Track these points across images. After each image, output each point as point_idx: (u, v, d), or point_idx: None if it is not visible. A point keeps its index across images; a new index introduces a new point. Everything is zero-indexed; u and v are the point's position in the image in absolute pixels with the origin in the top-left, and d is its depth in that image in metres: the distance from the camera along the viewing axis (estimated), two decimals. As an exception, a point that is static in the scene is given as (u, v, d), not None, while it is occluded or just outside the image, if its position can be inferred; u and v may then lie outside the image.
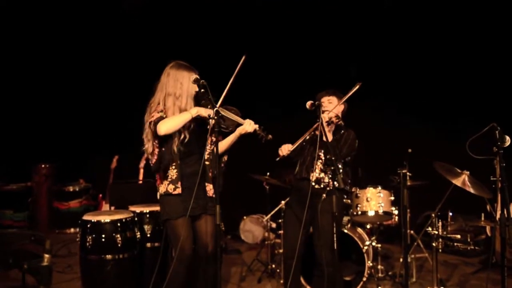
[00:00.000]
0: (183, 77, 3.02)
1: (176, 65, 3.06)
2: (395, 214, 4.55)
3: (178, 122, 2.93)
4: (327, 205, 3.45)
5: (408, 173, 4.02)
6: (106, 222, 3.77)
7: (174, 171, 3.04)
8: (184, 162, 3.05)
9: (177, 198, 3.03)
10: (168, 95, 3.02)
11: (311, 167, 3.58)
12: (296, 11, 6.12)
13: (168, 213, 3.05)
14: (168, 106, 3.01)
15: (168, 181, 3.05)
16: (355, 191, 4.60)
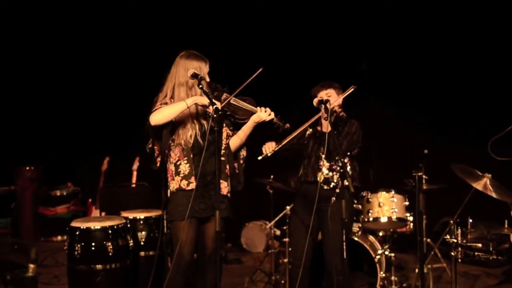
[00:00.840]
0: (193, 65, 3.05)
1: (186, 54, 3.10)
2: (410, 220, 4.55)
3: (170, 111, 2.96)
4: (336, 209, 3.46)
5: (424, 176, 4.02)
6: (96, 229, 3.78)
7: (187, 166, 3.06)
8: (197, 158, 3.06)
9: (189, 195, 3.03)
10: (180, 86, 3.05)
11: (318, 168, 3.59)
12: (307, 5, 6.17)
13: (173, 214, 3.08)
14: (181, 97, 3.04)
15: (181, 176, 3.07)
16: (366, 196, 4.60)
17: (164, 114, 2.95)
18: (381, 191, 4.55)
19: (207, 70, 3.10)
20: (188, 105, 2.95)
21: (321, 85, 3.67)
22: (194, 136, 3.05)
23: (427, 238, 4.60)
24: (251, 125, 3.17)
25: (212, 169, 3.03)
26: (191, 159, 3.05)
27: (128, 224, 4.02)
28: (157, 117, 2.95)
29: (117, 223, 3.89)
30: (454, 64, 5.91)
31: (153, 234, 4.14)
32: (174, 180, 3.08)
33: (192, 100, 2.97)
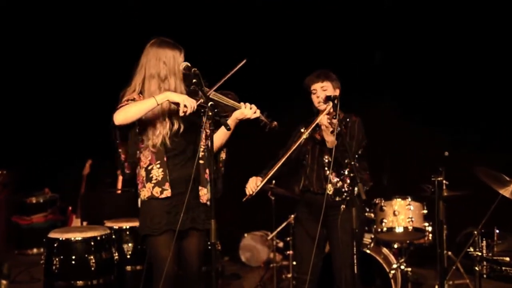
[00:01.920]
0: (166, 55, 2.99)
1: (157, 42, 3.03)
2: (429, 231, 4.54)
3: (136, 109, 2.87)
4: (346, 218, 3.44)
5: (444, 181, 4.01)
6: (77, 240, 3.77)
7: (160, 171, 2.99)
8: (171, 161, 3.02)
9: (163, 204, 2.98)
10: (151, 78, 2.97)
11: (324, 178, 3.59)
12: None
13: (149, 227, 2.99)
14: (152, 91, 2.95)
15: (153, 183, 2.99)
16: (379, 203, 4.59)
17: (129, 112, 2.86)
18: (396, 198, 4.54)
19: (182, 60, 3.02)
20: (158, 102, 2.87)
21: (317, 75, 3.62)
22: (165, 137, 2.98)
23: (448, 251, 4.59)
24: (234, 122, 3.10)
25: (189, 174, 2.96)
26: (165, 162, 2.98)
27: (113, 235, 4.01)
28: (122, 116, 2.86)
29: (101, 234, 3.88)
30: (476, 60, 5.91)
31: (140, 246, 4.13)
32: (145, 187, 3.00)
33: (164, 97, 2.88)
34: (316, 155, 3.64)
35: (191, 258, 3.09)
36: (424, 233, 4.53)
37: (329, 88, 3.59)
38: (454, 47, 5.97)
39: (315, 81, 3.60)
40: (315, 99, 3.62)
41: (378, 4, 6.18)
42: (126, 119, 2.87)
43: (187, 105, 2.86)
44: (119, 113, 2.88)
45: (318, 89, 3.59)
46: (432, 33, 6.03)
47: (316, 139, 3.59)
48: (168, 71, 2.98)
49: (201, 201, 3.06)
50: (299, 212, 3.77)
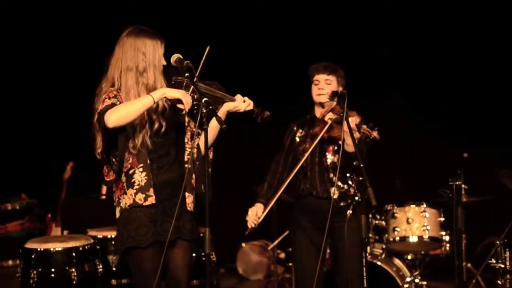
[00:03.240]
0: (145, 45, 2.95)
1: (135, 31, 2.99)
2: (446, 240, 4.54)
3: (133, 109, 2.83)
4: (354, 225, 3.48)
5: (463, 186, 4.01)
6: (57, 251, 3.77)
7: (143, 175, 2.95)
8: (156, 164, 2.99)
9: (149, 212, 2.95)
10: (128, 71, 2.93)
11: (328, 181, 3.59)
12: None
13: (133, 238, 2.93)
14: (129, 86, 2.92)
15: (135, 189, 2.95)
16: (391, 210, 4.59)
17: (124, 113, 2.82)
18: (410, 204, 4.54)
19: (162, 51, 2.99)
20: (155, 99, 2.84)
21: (324, 66, 3.64)
22: (145, 136, 2.94)
23: (468, 263, 4.58)
24: (223, 116, 3.05)
25: (174, 179, 2.96)
26: (148, 165, 2.95)
27: (97, 245, 4.00)
28: (116, 117, 2.80)
29: (83, 244, 3.87)
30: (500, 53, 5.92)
31: (127, 258, 4.12)
32: (127, 194, 2.95)
33: (161, 94, 2.85)
34: (317, 156, 3.63)
35: (179, 271, 3.06)
36: (440, 243, 4.53)
37: (333, 83, 3.61)
38: (472, 39, 5.97)
39: (321, 72, 3.62)
40: (315, 90, 3.64)
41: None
42: (121, 120, 2.82)
43: (188, 100, 2.84)
44: (112, 114, 2.81)
45: (322, 81, 3.61)
46: (445, 25, 6.03)
47: (324, 138, 3.58)
48: (147, 63, 2.94)
49: (188, 209, 3.04)
50: (297, 220, 3.74)
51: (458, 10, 5.96)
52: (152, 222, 2.95)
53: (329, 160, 3.60)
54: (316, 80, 3.63)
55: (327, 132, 3.52)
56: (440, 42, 6.08)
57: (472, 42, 5.96)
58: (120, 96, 2.93)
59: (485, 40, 5.93)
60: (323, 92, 3.57)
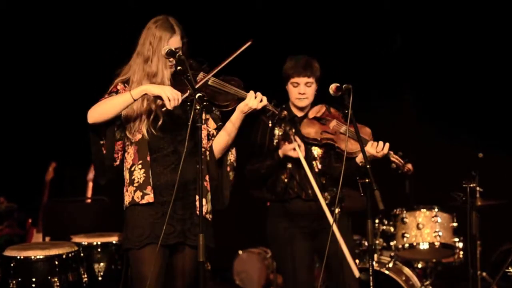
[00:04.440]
0: (155, 36, 3.04)
1: (156, 19, 3.11)
2: (460, 247, 4.55)
3: (109, 107, 2.94)
4: (344, 223, 3.66)
5: (478, 188, 4.02)
6: (39, 259, 3.76)
7: (141, 172, 3.01)
8: (157, 163, 3.03)
9: (148, 212, 2.99)
10: (137, 55, 3.08)
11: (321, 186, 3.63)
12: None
13: (129, 239, 3.01)
14: (134, 69, 3.06)
15: (135, 186, 3.02)
16: (400, 214, 4.60)
17: (102, 110, 2.95)
18: (420, 209, 4.55)
19: (175, 45, 3.04)
20: (134, 97, 2.92)
21: (303, 66, 3.63)
22: (144, 130, 3.01)
23: (483, 272, 4.60)
24: (239, 116, 3.09)
25: (183, 179, 2.97)
26: (148, 162, 3.01)
27: (81, 253, 4.00)
28: (94, 114, 2.96)
29: (67, 251, 3.87)
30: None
31: (114, 266, 4.13)
32: (128, 191, 3.05)
33: (141, 91, 2.92)
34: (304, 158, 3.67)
35: (179, 280, 3.10)
36: (453, 250, 4.54)
37: (313, 85, 3.66)
38: (491, 34, 5.98)
39: (301, 74, 3.62)
40: (294, 93, 3.66)
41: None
42: (99, 117, 2.95)
43: (170, 97, 2.87)
44: (91, 111, 2.96)
45: (302, 84, 3.63)
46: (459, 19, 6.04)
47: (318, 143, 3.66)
48: (151, 53, 3.04)
49: (197, 213, 3.03)
50: (280, 226, 3.74)
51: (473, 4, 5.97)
52: (151, 224, 2.99)
53: (318, 167, 3.67)
54: (295, 82, 3.64)
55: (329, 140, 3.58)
56: (456, 37, 6.10)
57: (491, 37, 5.97)
58: (124, 90, 3.03)
59: (505, 35, 5.93)
60: (303, 97, 3.62)
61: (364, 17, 6.24)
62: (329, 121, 3.67)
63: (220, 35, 5.80)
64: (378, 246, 4.67)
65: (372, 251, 3.26)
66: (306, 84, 3.63)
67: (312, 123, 3.66)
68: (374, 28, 6.21)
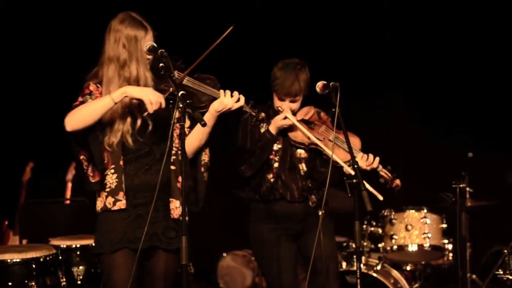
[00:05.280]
0: (127, 36, 2.96)
1: (120, 19, 3.00)
2: (449, 249, 4.57)
3: (90, 111, 2.87)
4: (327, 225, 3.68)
5: (468, 189, 4.05)
6: (15, 262, 3.74)
7: (114, 177, 2.97)
8: (132, 165, 3.00)
9: (120, 218, 2.96)
10: (109, 61, 2.95)
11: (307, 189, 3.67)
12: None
13: (101, 244, 2.99)
14: (109, 78, 2.95)
15: (106, 191, 2.99)
16: (388, 215, 4.62)
17: (81, 116, 2.87)
18: (409, 210, 4.57)
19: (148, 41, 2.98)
20: (115, 100, 2.85)
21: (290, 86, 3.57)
22: (126, 135, 2.96)
23: (472, 274, 4.62)
24: (214, 115, 3.05)
25: (154, 182, 2.94)
26: (120, 167, 2.97)
27: (60, 256, 3.99)
28: (74, 120, 2.87)
29: (44, 254, 3.85)
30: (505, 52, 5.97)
31: (94, 270, 4.11)
32: (100, 196, 3.01)
33: (121, 93, 2.85)
34: (288, 160, 3.70)
35: (157, 285, 3.07)
36: (443, 252, 4.56)
37: (299, 101, 3.66)
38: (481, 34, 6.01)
39: (288, 95, 3.60)
40: (278, 104, 3.65)
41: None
42: (78, 124, 2.87)
43: (153, 100, 2.84)
44: (69, 117, 2.87)
45: (287, 101, 3.63)
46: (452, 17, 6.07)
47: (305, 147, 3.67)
48: (128, 56, 2.95)
49: (171, 216, 3.03)
50: (264, 228, 3.74)
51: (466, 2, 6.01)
52: (123, 228, 2.96)
53: (303, 169, 3.69)
54: (281, 97, 3.63)
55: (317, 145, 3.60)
56: (448, 35, 6.13)
57: (483, 36, 6.01)
58: (97, 91, 2.96)
59: (494, 35, 5.97)
60: (287, 111, 3.60)
61: (353, 14, 6.25)
62: (318, 126, 3.67)
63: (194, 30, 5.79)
64: (366, 248, 4.68)
65: (359, 253, 3.25)
66: (291, 101, 3.63)
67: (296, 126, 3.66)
68: (363, 25, 6.23)
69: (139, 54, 2.97)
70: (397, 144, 5.73)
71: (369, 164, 3.52)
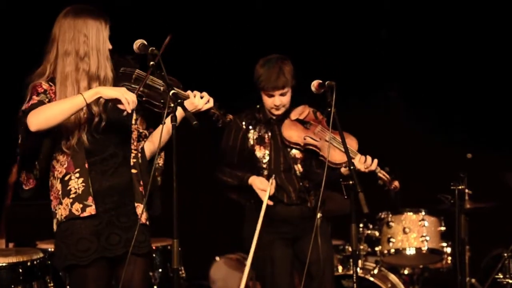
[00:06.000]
0: (87, 25, 2.90)
1: (75, 10, 2.94)
2: (448, 252, 4.58)
3: (60, 111, 2.77)
4: (325, 231, 3.76)
5: (467, 191, 4.05)
6: (1, 267, 3.72)
7: (80, 182, 2.89)
8: (98, 168, 2.94)
9: (91, 225, 2.89)
10: (66, 55, 2.89)
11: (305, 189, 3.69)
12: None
13: (74, 254, 2.88)
14: (66, 72, 2.87)
15: (71, 198, 2.89)
16: (385, 218, 4.63)
17: (49, 115, 2.76)
18: (406, 212, 4.57)
19: (107, 33, 2.95)
20: (87, 100, 2.76)
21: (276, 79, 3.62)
22: (82, 133, 2.88)
23: (472, 278, 4.63)
24: (181, 116, 2.95)
25: (121, 185, 2.94)
26: (86, 170, 2.90)
27: (48, 260, 3.97)
28: (39, 119, 2.76)
29: (31, 259, 3.83)
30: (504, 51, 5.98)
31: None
32: (62, 204, 2.92)
33: (94, 93, 2.78)
34: (282, 162, 3.73)
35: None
36: (441, 256, 4.57)
37: (289, 92, 3.70)
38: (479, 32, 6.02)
39: (275, 88, 3.64)
40: (268, 102, 3.69)
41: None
42: (46, 123, 2.77)
43: (129, 100, 2.78)
44: (35, 116, 2.77)
45: (277, 96, 3.67)
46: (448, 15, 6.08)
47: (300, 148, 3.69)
48: (89, 47, 2.90)
49: (139, 221, 2.97)
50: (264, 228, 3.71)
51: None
52: (95, 235, 2.90)
53: (299, 170, 3.72)
54: (268, 93, 3.67)
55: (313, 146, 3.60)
56: (445, 34, 6.12)
57: (480, 34, 6.01)
58: (51, 90, 2.89)
59: (493, 34, 5.98)
60: (280, 106, 3.66)
61: (351, 12, 6.25)
62: (314, 126, 3.68)
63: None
64: (362, 252, 4.69)
65: (356, 256, 3.26)
66: (281, 95, 3.66)
67: (294, 126, 3.68)
68: (359, 23, 6.23)
69: (101, 45, 2.92)
70: (395, 145, 5.73)
71: (367, 166, 3.52)
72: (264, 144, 3.72)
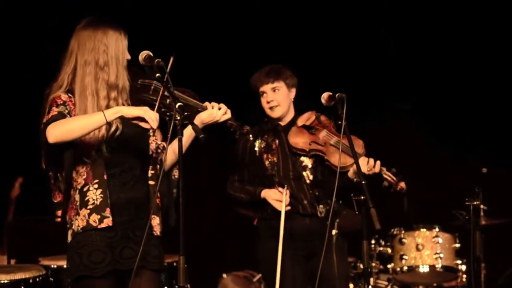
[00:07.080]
0: (107, 35, 2.97)
1: (93, 21, 3.01)
2: (462, 270, 4.56)
3: (80, 126, 2.82)
4: (341, 246, 3.71)
5: (482, 206, 4.05)
6: (3, 284, 3.74)
7: (98, 193, 2.93)
8: (117, 180, 2.99)
9: (106, 236, 2.93)
10: (86, 65, 2.95)
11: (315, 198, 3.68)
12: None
13: (86, 265, 2.90)
14: (86, 83, 2.93)
15: (89, 209, 2.92)
16: (398, 234, 4.62)
17: (70, 129, 2.82)
18: (420, 228, 4.56)
19: (126, 43, 3.02)
20: (107, 119, 2.81)
21: (266, 73, 3.74)
22: (104, 146, 2.94)
23: (488, 297, 4.62)
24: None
25: (140, 196, 2.98)
26: (105, 181, 2.94)
27: (50, 277, 3.98)
28: (60, 132, 2.81)
29: (34, 275, 3.85)
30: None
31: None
32: (79, 214, 2.94)
33: (115, 112, 2.83)
34: (291, 170, 3.73)
35: None
36: (456, 274, 4.56)
37: (282, 89, 3.73)
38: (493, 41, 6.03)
39: (264, 82, 3.72)
40: (264, 103, 3.75)
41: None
42: (64, 136, 2.82)
43: (153, 116, 2.82)
44: (54, 128, 2.81)
45: (268, 91, 3.71)
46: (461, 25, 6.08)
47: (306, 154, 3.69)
48: (109, 56, 2.96)
49: (154, 233, 3.03)
50: (270, 247, 3.73)
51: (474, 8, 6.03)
52: (110, 247, 2.94)
53: (309, 178, 3.72)
54: (262, 91, 3.73)
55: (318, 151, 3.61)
56: (458, 44, 6.12)
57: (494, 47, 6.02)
58: (70, 101, 2.93)
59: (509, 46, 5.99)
60: (274, 104, 3.71)
61: (357, 21, 6.27)
62: (319, 130, 3.70)
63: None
64: (374, 269, 4.68)
65: (367, 274, 3.27)
66: (272, 90, 3.70)
67: (300, 132, 3.70)
68: (367, 33, 6.25)
69: (120, 54, 2.98)
70: (408, 159, 5.72)
71: (370, 168, 3.54)
72: (272, 152, 3.73)
